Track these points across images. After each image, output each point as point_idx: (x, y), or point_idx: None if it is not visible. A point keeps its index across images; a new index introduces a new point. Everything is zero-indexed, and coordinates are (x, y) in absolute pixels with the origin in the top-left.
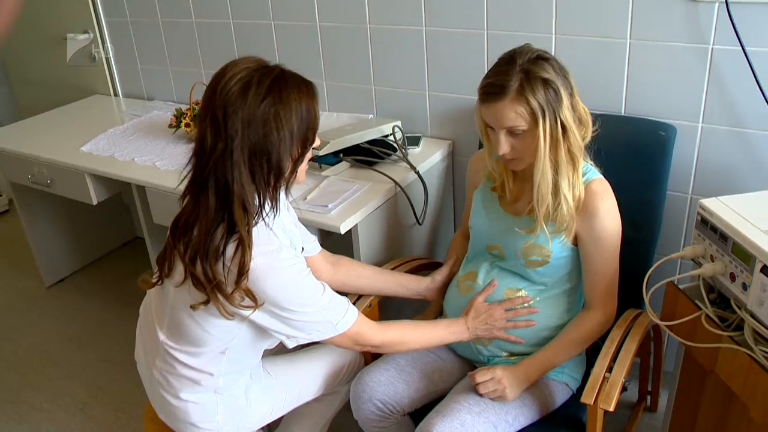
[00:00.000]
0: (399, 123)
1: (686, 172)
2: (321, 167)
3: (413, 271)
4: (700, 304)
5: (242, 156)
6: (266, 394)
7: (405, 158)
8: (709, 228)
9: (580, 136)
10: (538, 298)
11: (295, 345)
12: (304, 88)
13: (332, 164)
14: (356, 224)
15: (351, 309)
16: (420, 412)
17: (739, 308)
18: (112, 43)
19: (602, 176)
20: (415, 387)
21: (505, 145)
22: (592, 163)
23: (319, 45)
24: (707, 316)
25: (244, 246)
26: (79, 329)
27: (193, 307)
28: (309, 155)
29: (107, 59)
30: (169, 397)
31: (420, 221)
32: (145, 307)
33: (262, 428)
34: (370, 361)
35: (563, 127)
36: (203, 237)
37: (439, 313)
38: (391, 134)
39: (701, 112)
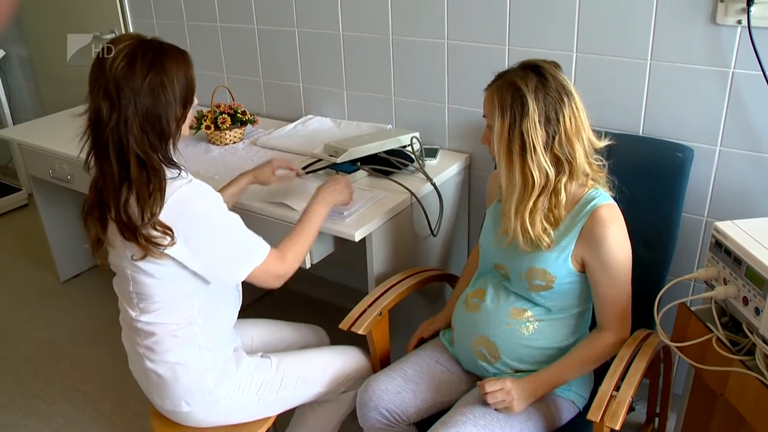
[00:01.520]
0: (417, 134)
1: (702, 195)
2: (338, 175)
3: (426, 283)
4: (711, 327)
5: (135, 122)
6: (259, 369)
7: (422, 169)
8: (723, 251)
9: (551, 166)
10: (543, 320)
11: (226, 287)
12: (182, 58)
13: (350, 172)
14: (371, 233)
15: (262, 242)
16: (426, 422)
17: (751, 333)
18: None
19: (612, 200)
20: (422, 397)
21: (483, 135)
22: (606, 187)
23: (341, 54)
24: (718, 339)
25: (144, 198)
26: (92, 325)
27: (134, 257)
28: (191, 114)
29: None
30: (157, 366)
31: (434, 233)
32: (121, 314)
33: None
34: (378, 369)
35: (522, 140)
36: (113, 196)
37: (449, 318)
38: (409, 145)
39: (719, 135)
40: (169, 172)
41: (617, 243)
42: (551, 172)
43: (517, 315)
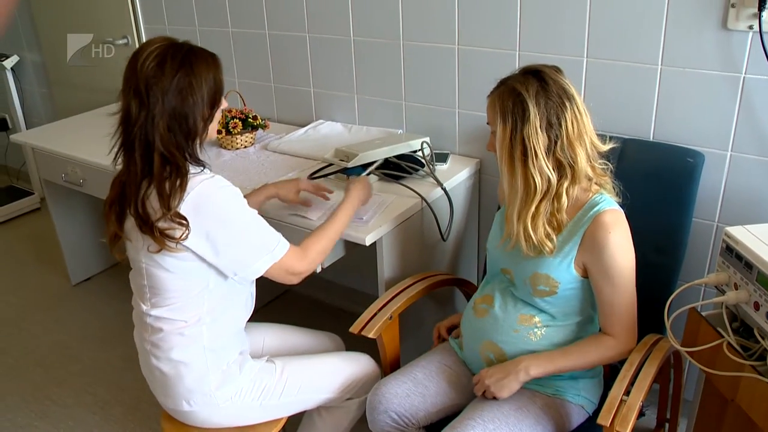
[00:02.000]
0: (428, 139)
1: (713, 200)
2: (349, 179)
3: (436, 287)
4: (722, 332)
5: (162, 120)
6: (262, 373)
7: (432, 174)
8: (734, 256)
9: (553, 171)
10: (551, 326)
11: (244, 283)
12: (211, 60)
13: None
14: (381, 237)
15: (282, 239)
16: (435, 426)
17: (763, 338)
18: None
19: (617, 206)
20: (431, 401)
21: (488, 143)
22: (612, 192)
23: (352, 59)
24: (729, 344)
25: (163, 193)
26: (102, 328)
27: (150, 249)
28: (218, 115)
29: None
30: (162, 364)
31: (445, 237)
32: (134, 310)
33: None
34: (388, 373)
35: (523, 146)
36: (134, 191)
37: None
38: (419, 150)
39: (731, 140)
40: (192, 168)
41: (619, 249)
42: (553, 178)
43: (525, 321)
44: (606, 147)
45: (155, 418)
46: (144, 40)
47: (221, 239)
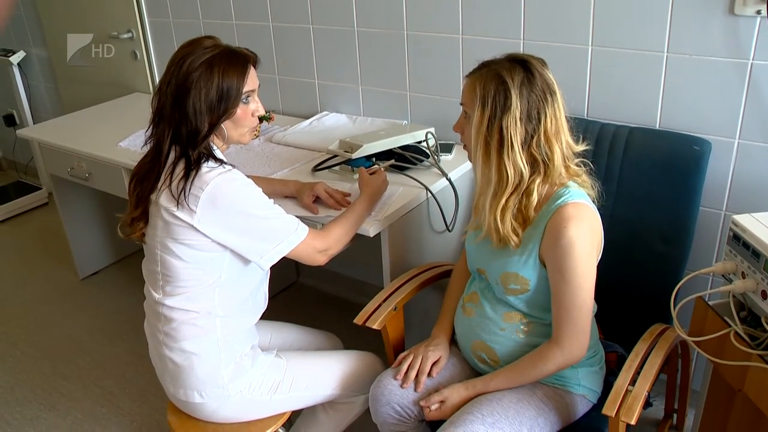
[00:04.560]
0: (432, 130)
1: (720, 188)
2: (353, 171)
3: (442, 277)
4: (729, 321)
5: (168, 117)
6: (273, 368)
7: (437, 165)
8: (741, 244)
9: (526, 165)
10: (535, 322)
11: (268, 265)
12: (227, 67)
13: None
14: (386, 228)
15: (302, 223)
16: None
17: None
18: (154, 43)
19: (584, 199)
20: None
21: (457, 123)
22: (584, 184)
23: (356, 50)
24: (736, 333)
25: (172, 181)
26: (110, 322)
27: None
28: (245, 120)
29: (149, 58)
30: (174, 354)
31: (450, 228)
32: (146, 299)
33: None
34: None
35: (501, 135)
36: (152, 177)
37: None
38: (424, 140)
39: (738, 127)
40: (210, 163)
41: (575, 245)
42: (525, 172)
43: (509, 319)
44: (580, 147)
45: (162, 410)
46: (148, 34)
47: (242, 227)
